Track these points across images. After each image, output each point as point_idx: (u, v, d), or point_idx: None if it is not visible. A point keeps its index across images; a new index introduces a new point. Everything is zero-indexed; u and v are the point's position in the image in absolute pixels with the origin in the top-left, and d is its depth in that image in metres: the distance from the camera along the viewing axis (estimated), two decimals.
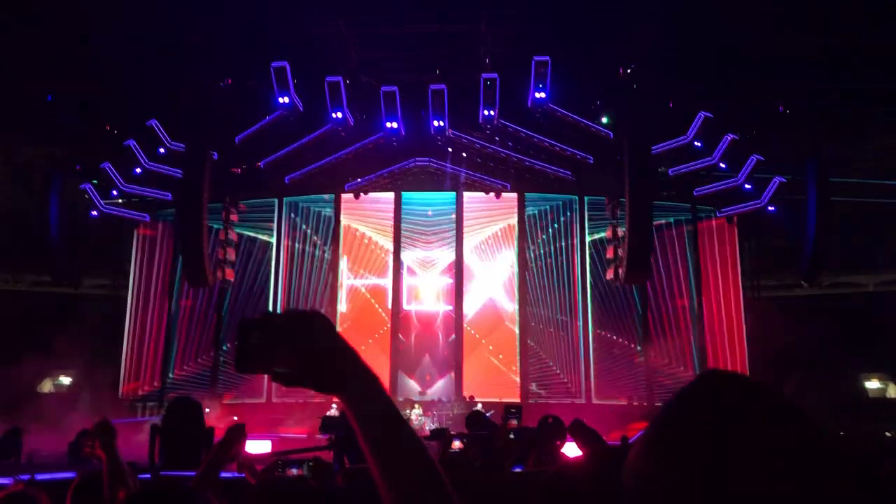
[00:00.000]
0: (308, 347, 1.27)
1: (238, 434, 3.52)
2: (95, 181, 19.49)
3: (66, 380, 20.48)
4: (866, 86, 18.13)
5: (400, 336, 20.37)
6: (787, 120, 18.91)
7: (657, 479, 0.89)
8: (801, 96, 18.55)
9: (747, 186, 19.12)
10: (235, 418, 15.16)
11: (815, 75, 17.67)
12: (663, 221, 20.10)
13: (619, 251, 19.11)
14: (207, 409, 14.61)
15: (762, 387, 0.93)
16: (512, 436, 4.75)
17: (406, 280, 20.82)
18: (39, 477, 5.18)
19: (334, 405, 15.31)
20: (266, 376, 1.32)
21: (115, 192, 19.65)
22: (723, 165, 19.24)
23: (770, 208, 19.00)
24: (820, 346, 16.86)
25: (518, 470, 4.62)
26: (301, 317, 1.29)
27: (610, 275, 19.56)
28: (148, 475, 3.66)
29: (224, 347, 20.09)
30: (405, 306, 20.67)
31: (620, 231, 19.12)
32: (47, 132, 18.63)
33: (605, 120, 19.93)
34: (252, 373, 1.28)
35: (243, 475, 5.33)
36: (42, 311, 18.59)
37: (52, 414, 15.51)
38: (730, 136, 18.89)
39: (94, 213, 19.44)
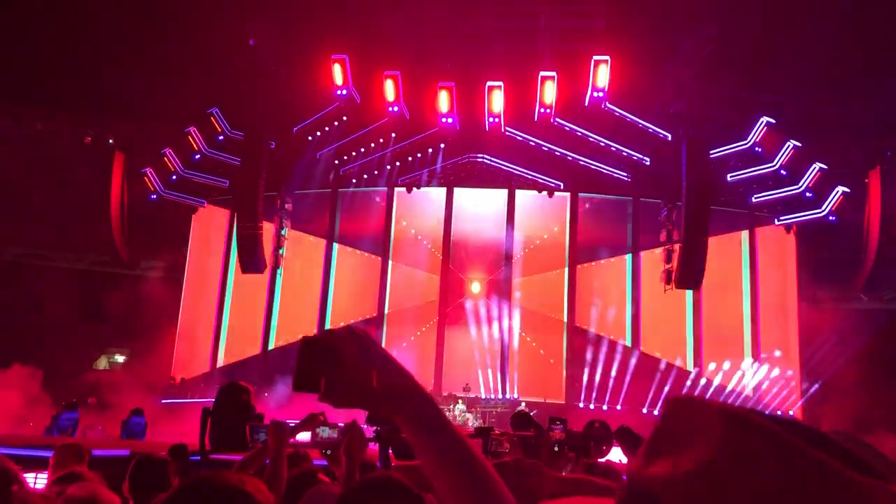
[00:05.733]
0: (364, 374, 1.20)
1: (312, 424, 3.54)
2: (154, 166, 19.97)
3: (120, 358, 21.06)
4: None
5: (446, 330, 20.40)
6: (851, 127, 18.29)
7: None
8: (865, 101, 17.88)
9: (808, 195, 18.54)
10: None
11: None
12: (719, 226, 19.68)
13: (673, 256, 18.81)
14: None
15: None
16: (556, 448, 4.69)
17: (455, 274, 20.84)
18: (94, 453, 5.32)
19: None
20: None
21: (174, 177, 20.07)
22: (784, 173, 18.71)
23: (831, 218, 18.38)
24: (874, 363, 16.26)
25: (563, 475, 4.58)
26: (355, 340, 1.21)
27: (662, 279, 19.29)
28: (198, 457, 3.73)
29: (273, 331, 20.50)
30: (454, 300, 20.69)
31: (675, 235, 18.83)
32: (112, 115, 19.13)
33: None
34: (305, 391, 1.19)
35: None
36: (100, 290, 19.10)
37: (107, 391, 15.96)
38: (792, 143, 18.36)
39: (154, 196, 19.90)
